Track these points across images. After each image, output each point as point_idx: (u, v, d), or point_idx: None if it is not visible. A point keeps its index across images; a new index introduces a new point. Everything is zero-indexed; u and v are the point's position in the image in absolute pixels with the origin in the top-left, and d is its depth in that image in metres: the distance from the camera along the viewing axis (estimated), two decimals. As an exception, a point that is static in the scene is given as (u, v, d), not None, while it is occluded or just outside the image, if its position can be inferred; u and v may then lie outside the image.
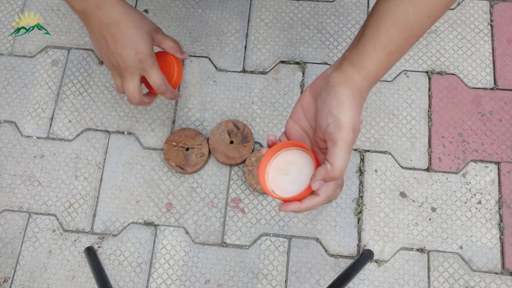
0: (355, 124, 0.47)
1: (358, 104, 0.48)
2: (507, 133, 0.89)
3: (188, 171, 0.87)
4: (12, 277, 0.85)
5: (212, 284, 0.83)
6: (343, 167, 0.46)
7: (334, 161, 0.46)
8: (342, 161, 0.46)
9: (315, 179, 0.47)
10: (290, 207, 0.51)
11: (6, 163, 0.92)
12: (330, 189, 0.50)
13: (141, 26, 0.61)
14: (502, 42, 0.94)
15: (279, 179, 0.53)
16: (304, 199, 0.50)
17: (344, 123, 0.46)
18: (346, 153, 0.46)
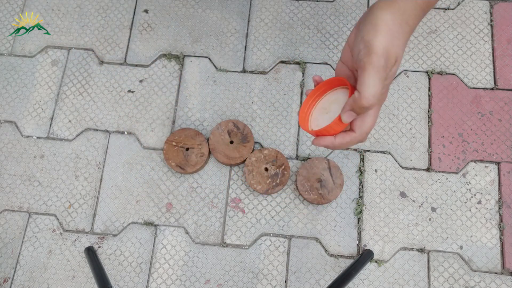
0: (390, 50, 0.42)
1: (399, 29, 0.43)
2: (507, 133, 0.89)
3: (188, 171, 0.87)
4: (12, 277, 0.85)
5: (212, 284, 0.83)
6: (371, 95, 0.42)
7: (361, 88, 0.42)
8: (370, 87, 0.42)
9: (344, 110, 0.44)
10: (323, 141, 0.48)
11: (6, 163, 0.92)
12: (366, 125, 0.46)
13: None
14: (502, 42, 0.94)
15: (319, 118, 0.51)
16: (338, 134, 0.47)
17: (375, 47, 0.42)
18: (376, 79, 0.42)
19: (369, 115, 0.46)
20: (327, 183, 0.84)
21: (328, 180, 0.84)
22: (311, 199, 0.84)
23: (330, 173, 0.85)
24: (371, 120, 0.46)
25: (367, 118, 0.46)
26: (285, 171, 0.85)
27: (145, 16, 1.00)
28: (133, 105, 0.94)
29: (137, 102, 0.94)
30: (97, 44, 0.98)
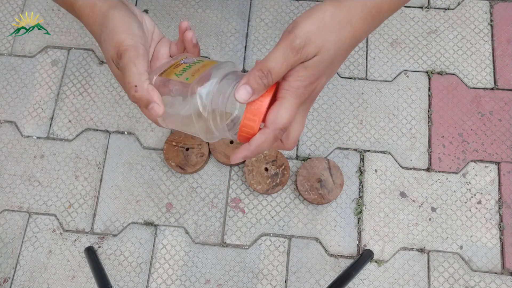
0: (312, 37, 0.38)
1: (336, 25, 0.39)
2: (507, 133, 0.89)
3: (188, 171, 0.87)
4: (12, 277, 0.85)
5: (212, 284, 0.83)
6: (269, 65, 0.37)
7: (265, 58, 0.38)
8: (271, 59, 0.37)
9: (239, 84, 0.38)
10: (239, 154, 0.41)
11: (6, 163, 0.92)
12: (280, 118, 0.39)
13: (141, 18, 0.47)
14: (502, 42, 0.94)
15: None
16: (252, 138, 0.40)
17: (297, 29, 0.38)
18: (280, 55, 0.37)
19: (282, 107, 0.39)
20: (327, 183, 0.84)
21: (328, 180, 0.84)
22: (311, 199, 0.84)
23: (330, 173, 0.85)
24: (285, 114, 0.39)
25: (281, 111, 0.39)
26: (285, 171, 0.85)
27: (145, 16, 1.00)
28: (133, 105, 0.94)
29: (137, 102, 0.94)
30: (97, 44, 0.98)
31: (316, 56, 0.38)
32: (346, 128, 0.90)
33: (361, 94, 0.92)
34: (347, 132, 0.90)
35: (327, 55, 0.39)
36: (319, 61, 0.39)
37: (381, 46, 0.95)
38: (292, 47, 0.37)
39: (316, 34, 0.38)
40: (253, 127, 0.38)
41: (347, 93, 0.92)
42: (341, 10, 0.39)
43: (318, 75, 0.40)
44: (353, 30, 0.40)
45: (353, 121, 0.91)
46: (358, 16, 0.40)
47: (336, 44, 0.39)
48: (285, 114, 0.39)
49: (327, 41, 0.38)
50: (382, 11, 0.42)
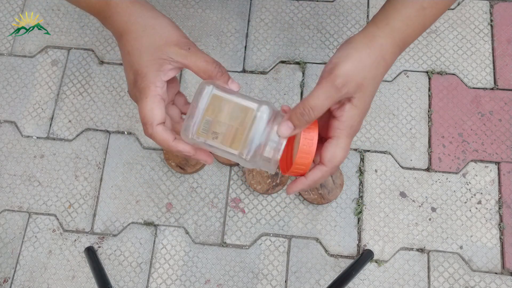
0: (352, 76, 0.40)
1: (373, 63, 0.42)
2: (507, 133, 0.89)
3: (188, 171, 0.87)
4: (12, 277, 0.85)
5: (212, 284, 0.83)
6: (312, 104, 0.40)
7: (307, 97, 0.41)
8: (314, 98, 0.40)
9: (282, 121, 0.43)
10: (295, 187, 0.45)
11: (6, 163, 0.92)
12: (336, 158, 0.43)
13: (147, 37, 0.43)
14: (502, 42, 0.94)
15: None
16: (309, 174, 0.44)
17: (338, 69, 0.40)
18: (323, 93, 0.40)
19: (339, 146, 0.43)
20: (327, 183, 0.84)
21: (328, 180, 0.84)
22: (311, 199, 0.84)
23: (330, 173, 0.85)
24: (341, 153, 0.43)
25: (337, 150, 0.42)
26: (285, 171, 0.85)
27: (145, 16, 1.00)
28: (133, 105, 0.94)
29: (137, 102, 0.94)
30: (97, 44, 0.98)
31: (359, 93, 0.42)
32: (346, 128, 0.90)
33: (361, 94, 0.92)
34: (347, 132, 0.90)
35: (368, 91, 0.42)
36: (363, 99, 0.42)
37: (381, 46, 0.95)
38: (334, 86, 0.40)
39: (356, 73, 0.41)
40: (307, 164, 0.42)
41: (347, 93, 0.92)
42: (375, 49, 0.43)
43: (365, 111, 0.44)
44: (387, 64, 0.44)
45: (353, 121, 0.91)
46: (390, 52, 0.44)
47: (374, 79, 0.43)
48: (340, 153, 0.43)
49: (366, 78, 0.42)
50: (407, 43, 0.45)
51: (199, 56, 0.42)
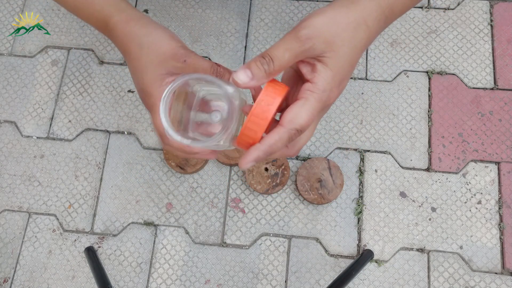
0: (320, 29, 0.36)
1: (349, 21, 0.37)
2: (507, 133, 0.89)
3: (188, 171, 0.87)
4: (12, 277, 0.85)
5: (212, 284, 0.83)
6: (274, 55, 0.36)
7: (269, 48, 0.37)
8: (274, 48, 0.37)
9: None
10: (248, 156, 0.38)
11: (6, 163, 0.92)
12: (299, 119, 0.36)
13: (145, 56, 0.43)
14: (502, 42, 0.94)
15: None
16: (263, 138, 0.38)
17: (305, 21, 0.37)
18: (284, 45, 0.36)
19: (304, 107, 0.36)
20: (327, 183, 0.84)
21: (328, 180, 0.84)
22: (311, 199, 0.84)
23: (330, 173, 0.85)
24: (305, 115, 0.36)
25: (301, 111, 0.36)
26: (285, 171, 0.85)
27: (145, 16, 1.00)
28: (133, 105, 0.94)
29: (137, 102, 0.94)
30: (97, 44, 0.98)
31: (331, 53, 0.37)
32: (346, 128, 0.90)
33: (361, 94, 0.92)
34: (347, 132, 0.90)
35: (342, 52, 0.37)
36: (336, 60, 0.37)
37: (381, 46, 0.95)
38: (297, 36, 0.36)
39: (325, 28, 0.36)
40: (256, 131, 0.35)
41: (347, 93, 0.92)
42: (356, 10, 0.38)
43: (342, 78, 0.38)
44: (369, 31, 0.39)
45: (353, 121, 0.91)
46: (373, 16, 0.39)
47: (351, 42, 0.38)
48: (305, 116, 0.36)
49: (338, 37, 0.37)
50: (394, 12, 0.41)
51: (196, 65, 0.42)
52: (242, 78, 0.36)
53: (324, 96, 0.37)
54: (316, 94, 0.37)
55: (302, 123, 0.36)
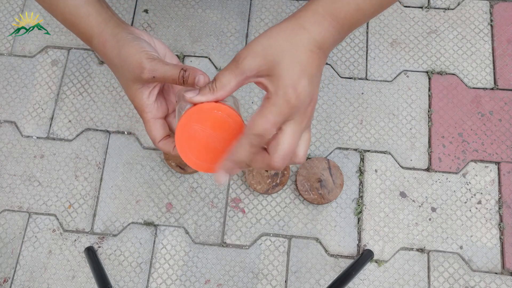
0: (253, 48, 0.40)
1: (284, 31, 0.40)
2: (507, 133, 0.89)
3: (188, 171, 0.87)
4: (12, 277, 0.85)
5: (212, 284, 0.83)
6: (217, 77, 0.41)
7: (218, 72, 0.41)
8: (218, 73, 0.41)
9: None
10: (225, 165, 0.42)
11: (6, 163, 0.92)
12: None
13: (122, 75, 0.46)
14: (502, 42, 0.94)
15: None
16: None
17: (246, 46, 0.40)
18: (226, 68, 0.41)
19: (260, 113, 0.39)
20: (327, 183, 0.84)
21: (328, 180, 0.84)
22: (311, 199, 0.84)
23: (330, 173, 0.85)
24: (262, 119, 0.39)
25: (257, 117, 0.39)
26: (285, 171, 0.85)
27: (145, 16, 1.00)
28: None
29: (137, 102, 0.94)
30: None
31: (270, 63, 0.39)
32: (346, 128, 0.90)
33: (361, 94, 0.92)
34: (347, 132, 0.90)
35: (285, 61, 0.39)
36: (279, 65, 0.39)
37: (381, 46, 0.95)
38: (235, 59, 0.40)
39: (258, 45, 0.39)
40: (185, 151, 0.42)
41: (347, 93, 0.92)
42: (290, 21, 0.41)
43: (294, 78, 0.39)
44: (308, 33, 0.40)
45: (353, 121, 0.91)
46: (311, 21, 0.41)
47: (287, 45, 0.39)
48: (260, 120, 0.38)
49: (273, 47, 0.39)
50: (339, 18, 0.42)
51: (164, 78, 0.43)
52: (189, 94, 0.41)
53: (279, 99, 0.39)
54: (270, 100, 0.39)
55: (259, 127, 0.38)
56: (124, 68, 0.45)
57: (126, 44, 0.45)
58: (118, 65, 0.45)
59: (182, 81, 0.43)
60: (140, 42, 0.45)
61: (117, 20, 0.48)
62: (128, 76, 0.45)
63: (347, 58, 0.95)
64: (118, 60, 0.45)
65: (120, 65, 0.45)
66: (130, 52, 0.44)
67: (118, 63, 0.45)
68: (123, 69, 0.45)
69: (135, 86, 0.45)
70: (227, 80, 0.40)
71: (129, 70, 0.44)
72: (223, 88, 0.41)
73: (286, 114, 0.39)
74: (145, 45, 0.45)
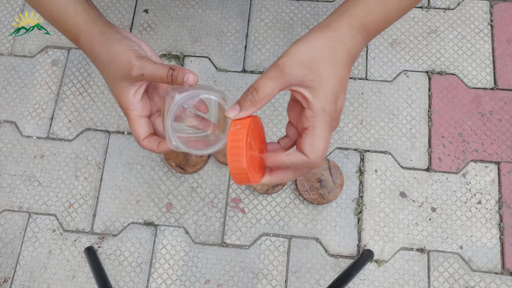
0: (296, 55, 0.40)
1: (324, 41, 0.41)
2: (507, 133, 0.89)
3: (188, 171, 0.87)
4: (12, 277, 0.85)
5: (212, 284, 0.83)
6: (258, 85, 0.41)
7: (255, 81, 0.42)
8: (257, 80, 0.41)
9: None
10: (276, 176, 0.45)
11: (6, 163, 0.92)
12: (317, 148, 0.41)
13: (109, 73, 0.46)
14: (502, 42, 0.94)
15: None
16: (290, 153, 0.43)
17: (284, 52, 0.41)
18: (265, 75, 0.41)
19: (316, 136, 0.40)
20: (327, 183, 0.84)
21: (328, 180, 0.84)
22: (311, 199, 0.84)
23: (330, 173, 0.85)
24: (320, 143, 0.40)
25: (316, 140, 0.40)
26: (285, 171, 0.85)
27: (145, 16, 1.00)
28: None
29: (137, 102, 0.94)
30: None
31: (313, 75, 0.40)
32: (346, 128, 0.90)
33: (361, 94, 0.92)
34: (347, 132, 0.90)
35: (324, 72, 0.40)
36: (320, 80, 0.40)
37: (381, 46, 0.95)
38: (276, 65, 0.40)
39: (302, 53, 0.40)
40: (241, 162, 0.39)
41: (347, 93, 0.92)
42: (329, 32, 0.42)
43: (334, 93, 0.41)
44: (347, 47, 0.42)
45: (353, 121, 0.91)
46: (348, 35, 0.43)
47: (331, 60, 0.41)
48: (320, 143, 0.40)
49: (316, 59, 0.40)
50: (369, 30, 0.44)
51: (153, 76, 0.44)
52: (232, 113, 0.42)
53: (325, 117, 0.40)
54: (319, 119, 0.40)
55: (320, 150, 0.40)
56: (112, 66, 0.45)
57: (116, 43, 0.46)
58: (106, 63, 0.46)
59: (171, 80, 0.43)
60: (129, 41, 0.46)
61: (105, 20, 0.49)
62: (116, 73, 0.45)
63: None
64: (107, 57, 0.46)
65: (108, 62, 0.45)
66: (119, 50, 0.45)
67: (106, 61, 0.46)
68: (111, 67, 0.45)
69: (122, 84, 0.45)
70: (270, 90, 0.41)
71: (118, 67, 0.45)
72: (266, 98, 0.41)
73: (332, 126, 0.42)
74: (133, 44, 0.46)
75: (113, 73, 0.45)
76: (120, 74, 0.45)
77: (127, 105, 0.47)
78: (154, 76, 0.44)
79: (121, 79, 0.45)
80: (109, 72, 0.46)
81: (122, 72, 0.44)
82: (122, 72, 0.44)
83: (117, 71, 0.45)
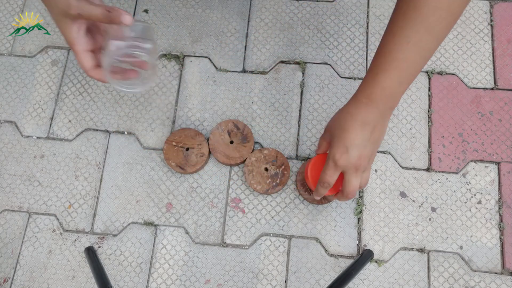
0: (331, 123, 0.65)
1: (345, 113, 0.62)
2: (507, 133, 0.89)
3: (188, 171, 0.87)
4: (12, 277, 0.85)
5: (212, 284, 0.83)
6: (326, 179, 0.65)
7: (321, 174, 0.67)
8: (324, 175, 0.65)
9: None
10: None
11: (6, 163, 0.92)
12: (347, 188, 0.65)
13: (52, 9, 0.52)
14: (502, 42, 0.94)
15: None
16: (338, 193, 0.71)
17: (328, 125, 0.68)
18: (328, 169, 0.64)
19: (345, 181, 0.64)
20: (327, 183, 0.84)
21: (328, 180, 0.84)
22: (311, 199, 0.84)
23: (330, 173, 0.84)
24: (348, 186, 0.64)
25: (345, 184, 0.65)
26: (285, 171, 0.85)
27: (145, 16, 1.00)
28: (133, 105, 0.94)
29: (137, 102, 0.94)
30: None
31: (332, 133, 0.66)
32: (346, 128, 0.90)
33: (361, 94, 0.92)
34: (347, 132, 0.90)
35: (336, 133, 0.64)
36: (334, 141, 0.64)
37: (381, 46, 0.95)
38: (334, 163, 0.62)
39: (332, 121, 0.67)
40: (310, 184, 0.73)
41: (347, 93, 0.92)
42: (343, 107, 0.64)
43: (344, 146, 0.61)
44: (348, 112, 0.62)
45: (353, 121, 0.91)
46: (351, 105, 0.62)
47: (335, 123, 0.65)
48: (322, 174, 0.65)
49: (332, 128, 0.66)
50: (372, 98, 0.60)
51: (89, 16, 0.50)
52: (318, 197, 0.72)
53: (330, 161, 0.63)
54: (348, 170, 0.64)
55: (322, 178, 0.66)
56: (54, 4, 0.51)
57: None
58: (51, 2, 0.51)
59: (108, 20, 0.49)
60: None
61: None
62: (57, 10, 0.51)
63: (347, 58, 0.95)
64: None
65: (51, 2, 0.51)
66: None
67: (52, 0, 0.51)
68: (53, 5, 0.51)
69: (64, 20, 0.51)
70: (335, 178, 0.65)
71: (58, 5, 0.50)
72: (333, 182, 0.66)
73: (338, 169, 0.63)
74: None
75: (56, 10, 0.51)
76: (62, 12, 0.51)
77: (72, 40, 0.53)
78: (91, 15, 0.50)
79: (63, 15, 0.51)
80: (52, 8, 0.51)
81: (62, 9, 0.50)
82: (62, 9, 0.50)
83: (57, 8, 0.51)
